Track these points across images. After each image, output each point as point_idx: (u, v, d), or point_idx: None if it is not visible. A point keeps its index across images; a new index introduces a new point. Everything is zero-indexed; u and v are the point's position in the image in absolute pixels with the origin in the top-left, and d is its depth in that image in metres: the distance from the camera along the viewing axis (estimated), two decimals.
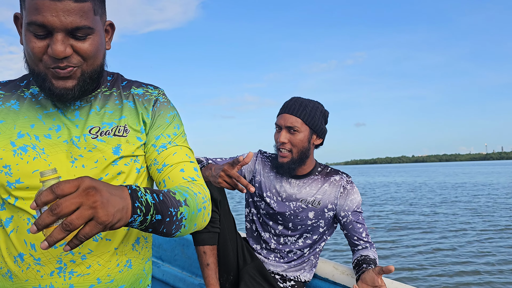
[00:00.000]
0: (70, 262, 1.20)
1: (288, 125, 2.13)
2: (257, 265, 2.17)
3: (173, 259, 2.85)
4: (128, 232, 1.30)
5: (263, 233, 2.26)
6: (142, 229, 1.03)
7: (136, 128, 1.31)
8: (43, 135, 1.23)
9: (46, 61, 1.15)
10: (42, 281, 1.19)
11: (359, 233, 2.16)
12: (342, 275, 2.19)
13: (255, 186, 2.28)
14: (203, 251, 2.04)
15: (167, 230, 1.09)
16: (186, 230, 1.18)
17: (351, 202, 2.17)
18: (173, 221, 1.10)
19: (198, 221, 1.22)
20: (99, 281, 1.23)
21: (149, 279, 1.42)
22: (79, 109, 1.28)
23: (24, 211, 1.20)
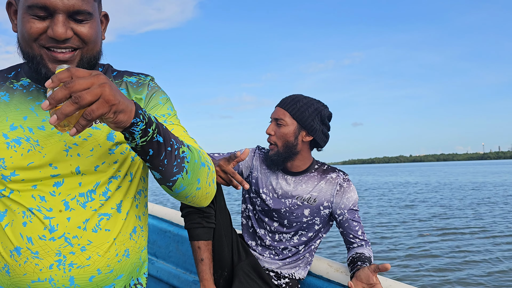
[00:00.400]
0: (70, 254, 1.19)
1: (275, 117, 2.18)
2: (251, 262, 2.17)
3: (167, 256, 2.84)
4: (125, 221, 1.30)
5: (259, 229, 2.26)
6: (144, 145, 1.04)
7: None
8: (36, 127, 1.21)
9: (43, 41, 1.15)
10: (41, 274, 1.18)
11: (355, 231, 2.16)
12: (337, 273, 2.19)
13: (251, 182, 2.28)
14: (197, 246, 2.04)
15: (168, 163, 1.09)
16: (189, 179, 1.16)
17: (347, 200, 2.17)
18: (174, 155, 1.11)
19: (202, 177, 1.21)
20: (99, 272, 1.23)
21: (145, 267, 1.43)
22: None
23: (19, 204, 1.19)
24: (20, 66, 1.34)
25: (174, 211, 2.95)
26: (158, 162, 1.08)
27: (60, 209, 1.20)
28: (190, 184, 1.17)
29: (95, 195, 1.23)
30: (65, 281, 1.19)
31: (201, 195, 1.25)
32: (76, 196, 1.22)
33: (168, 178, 1.13)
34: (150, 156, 1.07)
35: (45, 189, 1.20)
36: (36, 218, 1.18)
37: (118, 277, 1.29)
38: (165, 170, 1.11)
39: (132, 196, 1.34)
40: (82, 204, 1.22)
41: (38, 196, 1.19)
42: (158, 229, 2.93)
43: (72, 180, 1.22)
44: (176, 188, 1.16)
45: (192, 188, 1.19)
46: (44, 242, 1.18)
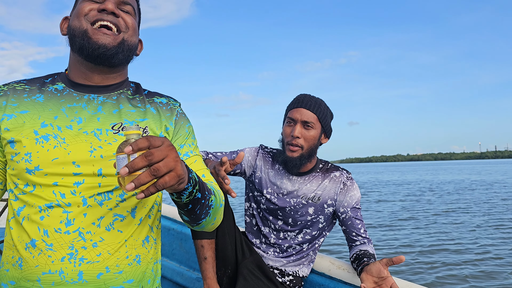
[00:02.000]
0: (82, 248, 1.23)
1: (304, 120, 2.13)
2: (256, 260, 2.18)
3: (171, 254, 2.86)
4: (138, 227, 1.35)
5: (263, 227, 2.27)
6: (186, 202, 1.17)
7: (156, 132, 1.40)
8: (65, 126, 1.30)
9: (91, 15, 1.33)
10: (52, 266, 1.22)
11: (358, 229, 2.18)
12: (339, 270, 2.21)
13: (254, 181, 2.29)
14: (201, 244, 2.05)
15: (199, 212, 1.24)
16: (209, 220, 1.31)
17: (351, 198, 2.19)
18: (205, 205, 1.25)
19: (218, 216, 1.36)
20: (107, 270, 1.26)
21: (157, 282, 1.45)
22: (102, 104, 1.36)
23: (39, 199, 1.25)
24: (58, 74, 1.45)
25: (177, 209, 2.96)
26: (192, 213, 1.22)
27: (78, 205, 1.25)
28: (208, 223, 1.34)
29: (112, 196, 1.28)
30: (74, 275, 1.22)
31: (212, 227, 1.41)
32: (94, 194, 1.27)
33: (195, 222, 1.29)
34: (188, 209, 1.21)
35: (66, 186, 1.26)
36: (54, 212, 1.24)
37: (128, 281, 1.31)
38: (195, 217, 1.25)
39: (147, 205, 1.39)
40: (99, 202, 1.27)
41: (59, 193, 1.26)
42: (162, 227, 2.95)
43: (92, 180, 1.27)
44: (197, 227, 1.33)
45: (209, 224, 1.35)
46: (59, 235, 1.23)
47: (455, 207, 14.54)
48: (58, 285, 1.22)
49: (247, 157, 2.31)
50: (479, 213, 13.09)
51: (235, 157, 2.30)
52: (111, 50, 1.32)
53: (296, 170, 2.19)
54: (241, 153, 1.85)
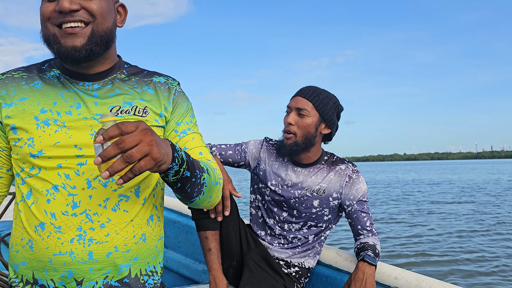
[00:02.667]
0: (90, 229, 1.27)
1: (298, 107, 2.14)
2: (261, 251, 2.18)
3: (177, 246, 2.88)
4: (143, 207, 1.38)
5: (268, 219, 2.26)
6: (174, 181, 1.18)
7: (156, 111, 1.41)
8: (64, 112, 1.32)
9: (53, 17, 1.25)
10: (62, 248, 1.26)
11: (363, 222, 2.17)
12: (346, 262, 2.21)
13: (259, 174, 2.29)
14: (205, 236, 2.05)
15: (190, 191, 1.26)
16: (204, 198, 1.35)
17: (357, 192, 2.18)
18: (197, 183, 1.26)
19: (214, 194, 1.39)
20: (116, 249, 1.30)
21: (161, 257, 1.49)
22: (97, 91, 1.37)
23: (45, 182, 1.29)
24: (54, 60, 1.45)
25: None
26: (183, 191, 1.25)
27: (83, 187, 1.29)
28: (203, 201, 1.37)
29: (115, 176, 1.28)
30: (84, 255, 1.26)
31: (210, 205, 1.45)
32: (98, 176, 1.30)
33: (188, 200, 1.31)
34: (177, 187, 1.23)
35: (70, 168, 1.29)
36: (60, 195, 1.28)
37: (134, 258, 1.35)
38: (186, 195, 1.28)
39: (150, 185, 1.41)
40: (104, 184, 1.30)
41: (64, 174, 1.29)
42: (168, 219, 2.96)
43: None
44: (192, 204, 1.37)
45: (204, 202, 1.38)
46: (67, 218, 1.27)
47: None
48: (70, 265, 1.26)
49: (251, 149, 2.31)
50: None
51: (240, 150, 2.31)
52: (82, 50, 1.27)
53: (291, 158, 2.20)
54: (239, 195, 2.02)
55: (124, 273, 1.33)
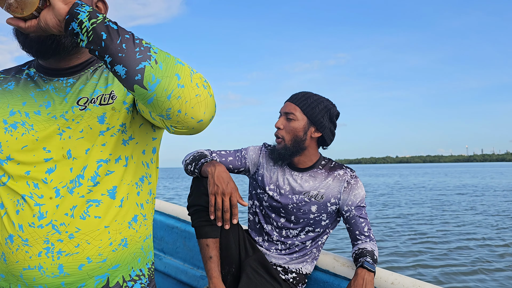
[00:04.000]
0: (58, 241, 1.20)
1: (286, 111, 2.21)
2: (259, 257, 2.19)
3: (175, 252, 2.88)
4: (122, 209, 1.30)
5: (266, 225, 2.28)
6: (95, 29, 1.02)
7: (124, 92, 1.33)
8: (33, 112, 1.27)
9: None
10: (31, 262, 1.19)
11: (361, 227, 2.19)
12: (343, 267, 2.22)
13: (257, 179, 2.31)
14: (205, 243, 2.06)
15: (127, 47, 1.03)
16: (162, 71, 1.04)
17: (355, 197, 2.20)
18: (135, 42, 1.04)
19: (182, 74, 1.07)
20: (89, 260, 1.22)
21: (148, 258, 1.41)
22: (71, 86, 1.31)
23: (14, 192, 1.23)
24: (34, 60, 1.41)
25: (181, 207, 2.99)
26: (116, 47, 1.02)
27: (51, 196, 1.21)
28: (166, 77, 1.04)
29: (83, 180, 1.24)
30: (53, 269, 1.19)
31: (190, 96, 1.08)
32: (67, 183, 1.23)
33: (133, 68, 1.02)
34: (104, 41, 1.01)
35: (38, 175, 1.23)
36: (27, 206, 1.21)
37: (114, 267, 1.27)
38: (126, 56, 1.02)
39: (130, 182, 1.33)
40: (70, 191, 1.23)
41: (32, 183, 1.22)
42: (166, 225, 2.96)
43: (64, 165, 1.24)
44: (149, 81, 1.03)
45: (171, 82, 1.05)
46: (33, 230, 1.19)
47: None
48: (40, 279, 1.20)
49: (251, 155, 2.33)
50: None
51: (240, 156, 2.34)
52: (46, 42, 1.22)
53: (281, 162, 2.24)
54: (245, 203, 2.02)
55: (101, 284, 1.25)
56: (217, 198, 1.95)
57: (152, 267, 1.42)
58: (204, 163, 2.10)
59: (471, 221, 11.74)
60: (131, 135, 1.33)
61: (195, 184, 2.13)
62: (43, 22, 1.07)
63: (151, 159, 1.42)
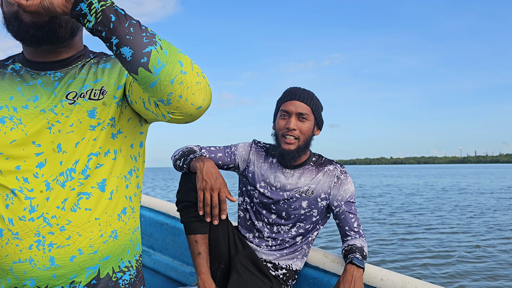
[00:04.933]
0: (49, 234, 1.21)
1: (299, 112, 2.15)
2: (249, 254, 2.18)
3: (164, 248, 2.87)
4: (112, 202, 1.31)
5: (256, 222, 2.27)
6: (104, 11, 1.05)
7: (114, 87, 1.34)
8: (21, 106, 1.26)
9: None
10: (21, 255, 1.20)
11: (351, 223, 2.19)
12: (332, 263, 2.22)
13: (248, 175, 2.29)
14: (194, 239, 2.05)
15: (134, 31, 1.08)
16: (166, 57, 1.10)
17: (345, 192, 2.20)
18: (141, 28, 1.09)
19: (184, 61, 1.13)
20: (80, 252, 1.24)
21: (136, 250, 1.42)
22: (59, 80, 1.31)
23: (3, 187, 1.23)
24: (17, 55, 1.40)
25: (170, 203, 2.97)
26: (124, 30, 1.06)
27: (41, 190, 1.22)
28: (170, 63, 1.10)
29: (74, 174, 1.25)
30: (45, 261, 1.20)
31: (191, 83, 1.13)
32: (57, 176, 1.24)
33: (140, 50, 1.07)
34: (113, 23, 1.05)
35: (28, 170, 1.23)
36: (18, 199, 1.21)
37: (104, 258, 1.29)
38: (133, 39, 1.07)
39: (119, 175, 1.34)
40: (62, 184, 1.23)
41: (22, 178, 1.22)
42: (155, 221, 2.95)
43: (54, 159, 1.24)
44: (154, 65, 1.08)
45: (175, 68, 1.10)
46: (24, 223, 1.20)
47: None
48: (30, 272, 1.20)
49: (240, 151, 2.32)
50: None
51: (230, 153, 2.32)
52: (43, 29, 1.22)
53: (293, 162, 2.20)
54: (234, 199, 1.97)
55: (92, 275, 1.27)
56: (205, 194, 1.94)
57: (140, 259, 1.44)
58: (193, 159, 2.08)
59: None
60: (120, 129, 1.35)
61: (183, 180, 2.12)
62: (47, 1, 1.07)
63: (139, 153, 1.45)
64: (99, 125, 1.29)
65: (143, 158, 1.48)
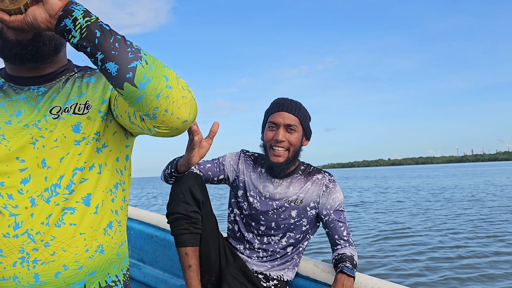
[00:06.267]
0: (33, 250, 1.19)
1: (287, 123, 2.15)
2: (239, 265, 2.18)
3: (154, 261, 2.84)
4: (98, 216, 1.31)
5: (246, 233, 2.26)
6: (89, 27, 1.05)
7: (99, 101, 1.34)
8: (3, 122, 1.25)
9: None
10: (5, 272, 1.18)
11: (340, 232, 2.19)
12: (323, 273, 2.22)
13: (239, 185, 2.29)
14: (184, 252, 2.04)
15: (120, 46, 1.07)
16: (152, 71, 1.10)
17: (333, 201, 2.20)
18: (126, 43, 1.09)
19: (170, 76, 1.13)
20: (65, 267, 1.22)
21: (123, 264, 1.42)
22: (43, 95, 1.31)
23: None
24: (0, 70, 1.39)
25: (160, 215, 2.95)
26: (109, 45, 1.06)
27: (26, 206, 1.21)
28: (155, 77, 1.09)
29: (59, 189, 1.24)
30: (29, 278, 1.18)
31: (177, 97, 1.14)
32: (41, 192, 1.23)
33: (125, 66, 1.06)
34: (98, 38, 1.05)
35: (12, 186, 1.22)
36: (2, 216, 1.19)
37: (90, 273, 1.27)
38: (119, 54, 1.06)
39: (105, 189, 1.34)
40: (46, 199, 1.22)
41: (6, 195, 1.21)
42: (145, 234, 2.92)
43: (38, 175, 1.23)
44: (140, 79, 1.07)
45: (160, 82, 1.10)
46: (8, 240, 1.18)
47: None
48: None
49: (229, 161, 2.32)
50: None
51: (218, 163, 2.29)
52: (27, 47, 1.22)
53: (283, 174, 2.20)
54: (216, 123, 1.84)
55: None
56: (193, 137, 1.79)
57: (127, 273, 1.44)
58: (178, 159, 2.08)
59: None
60: (105, 143, 1.35)
61: (174, 192, 2.12)
62: (31, 16, 1.07)
63: (125, 166, 1.45)
64: (84, 139, 1.29)
65: (129, 171, 1.48)
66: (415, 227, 10.26)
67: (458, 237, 8.82)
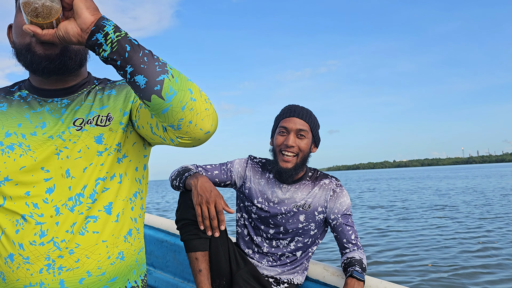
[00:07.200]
0: (58, 257, 1.24)
1: (298, 128, 2.17)
2: (250, 269, 2.20)
3: (165, 266, 2.86)
4: (118, 224, 1.35)
5: (255, 237, 2.28)
6: (120, 42, 1.09)
7: (120, 113, 1.38)
8: (29, 133, 1.30)
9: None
10: (32, 279, 1.23)
11: (348, 235, 2.21)
12: (333, 276, 2.23)
13: (245, 192, 2.31)
14: (195, 257, 2.06)
15: (148, 61, 1.12)
16: (178, 85, 1.15)
17: (341, 205, 2.22)
18: (154, 57, 1.14)
19: (194, 89, 1.19)
20: (89, 274, 1.27)
21: (141, 270, 1.46)
22: (66, 107, 1.35)
23: (13, 213, 1.26)
24: (23, 81, 1.44)
25: (170, 221, 2.98)
26: (139, 59, 1.11)
27: (51, 215, 1.25)
28: (181, 90, 1.15)
29: (83, 198, 1.28)
30: (55, 284, 1.23)
31: (200, 109, 1.19)
32: (66, 201, 1.27)
33: (154, 79, 1.11)
34: (128, 52, 1.10)
35: (38, 195, 1.26)
36: (28, 225, 1.24)
37: (112, 279, 1.31)
38: (147, 68, 1.11)
39: (125, 198, 1.38)
40: (71, 209, 1.27)
41: (31, 203, 1.25)
42: (155, 239, 2.95)
43: (62, 185, 1.28)
44: (167, 92, 1.12)
45: (186, 95, 1.15)
46: (34, 247, 1.23)
47: None
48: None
49: (236, 168, 2.34)
50: None
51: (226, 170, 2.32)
52: (55, 61, 1.28)
53: (291, 180, 2.22)
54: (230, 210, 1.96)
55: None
56: (202, 207, 1.97)
57: (145, 279, 1.48)
58: (187, 177, 2.11)
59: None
60: (125, 153, 1.39)
61: (182, 198, 2.14)
62: (62, 31, 1.10)
63: (143, 175, 1.49)
64: (106, 150, 1.33)
65: (147, 180, 1.52)
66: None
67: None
